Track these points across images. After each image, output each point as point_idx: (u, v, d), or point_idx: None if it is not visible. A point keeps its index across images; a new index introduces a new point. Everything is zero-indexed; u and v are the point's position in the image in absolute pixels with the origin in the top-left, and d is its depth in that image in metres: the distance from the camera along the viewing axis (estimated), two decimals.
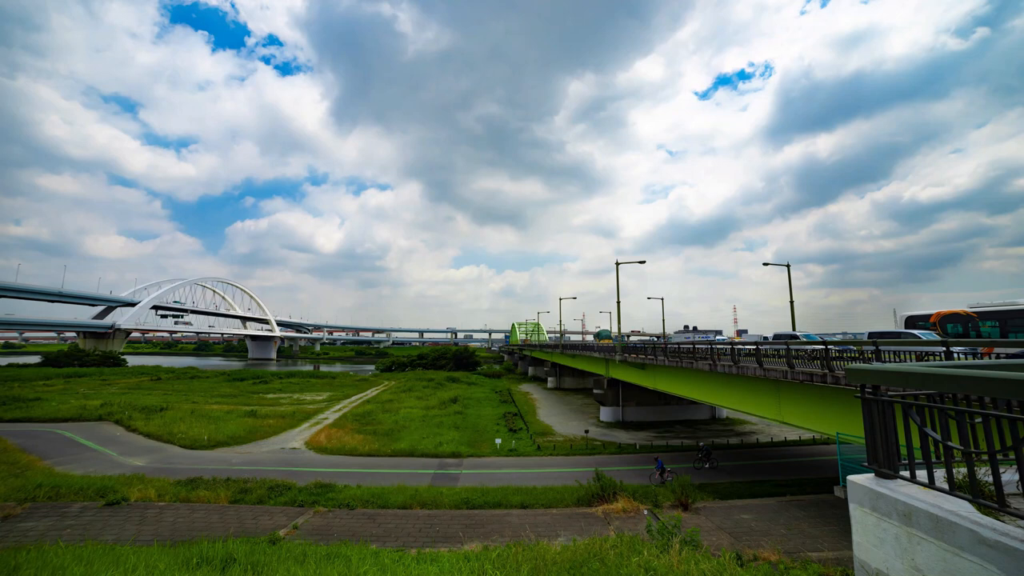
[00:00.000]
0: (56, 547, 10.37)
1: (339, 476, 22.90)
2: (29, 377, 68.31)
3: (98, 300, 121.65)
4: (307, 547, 11.42)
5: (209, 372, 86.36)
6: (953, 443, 3.66)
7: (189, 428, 33.85)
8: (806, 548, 13.80)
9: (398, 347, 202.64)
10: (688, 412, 41.51)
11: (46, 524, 15.29)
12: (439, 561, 9.97)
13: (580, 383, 65.90)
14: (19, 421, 37.15)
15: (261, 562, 9.77)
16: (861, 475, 4.41)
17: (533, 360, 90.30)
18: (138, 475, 21.85)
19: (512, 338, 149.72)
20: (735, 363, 20.80)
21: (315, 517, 16.63)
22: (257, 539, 12.81)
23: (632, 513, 16.70)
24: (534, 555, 9.86)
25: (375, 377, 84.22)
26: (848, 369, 4.70)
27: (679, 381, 28.09)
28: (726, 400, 23.13)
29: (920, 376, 3.80)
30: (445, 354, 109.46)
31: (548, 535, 14.14)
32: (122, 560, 9.27)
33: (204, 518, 16.41)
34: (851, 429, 15.12)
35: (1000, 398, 3.31)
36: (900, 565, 3.70)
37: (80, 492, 18.36)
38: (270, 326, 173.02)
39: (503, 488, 20.44)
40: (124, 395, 51.41)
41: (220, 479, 21.10)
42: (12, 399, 44.14)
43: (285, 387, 64.27)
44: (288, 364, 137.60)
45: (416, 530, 15.54)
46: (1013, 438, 3.23)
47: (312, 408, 45.94)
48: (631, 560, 9.20)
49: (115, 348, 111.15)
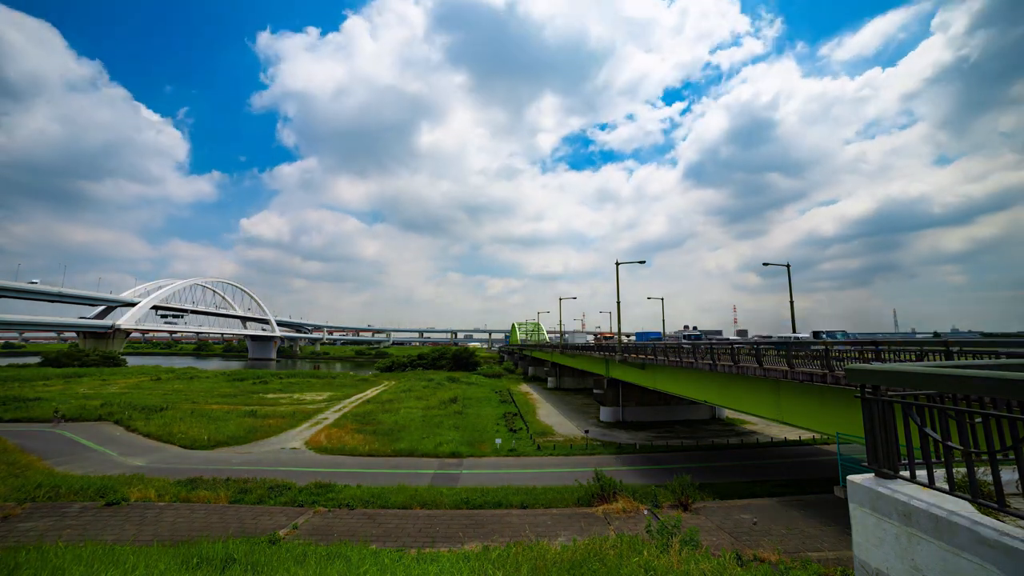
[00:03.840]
0: (56, 547, 10.35)
1: (339, 476, 22.89)
2: (29, 377, 68.25)
3: (98, 300, 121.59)
4: (307, 547, 11.42)
5: (209, 372, 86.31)
6: (953, 443, 3.66)
7: (189, 428, 33.84)
8: (806, 548, 13.81)
9: (398, 347, 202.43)
10: (688, 412, 41.50)
11: (46, 524, 15.27)
12: (439, 561, 9.97)
13: (580, 383, 65.90)
14: (19, 421, 37.14)
15: (261, 562, 9.77)
16: (861, 475, 4.41)
17: (533, 360, 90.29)
18: (138, 475, 21.82)
19: (512, 338, 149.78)
20: (735, 363, 20.81)
21: (315, 517, 16.62)
22: (257, 539, 12.80)
23: (632, 513, 16.70)
24: (534, 555, 9.86)
25: (375, 377, 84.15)
26: (848, 369, 4.69)
27: (679, 381, 28.09)
28: (726, 400, 23.14)
29: (920, 376, 3.80)
30: (445, 354, 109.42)
31: (548, 535, 14.15)
32: (122, 560, 9.27)
33: (204, 518, 16.40)
34: (851, 429, 15.12)
35: (1000, 398, 3.31)
36: (900, 565, 3.70)
37: (80, 492, 18.32)
38: (270, 326, 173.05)
39: (503, 488, 20.43)
40: (124, 395, 51.42)
41: (220, 479, 21.10)
42: (12, 399, 44.12)
43: (285, 387, 64.19)
44: (288, 364, 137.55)
45: (416, 530, 15.53)
46: (1013, 438, 3.23)
47: (312, 408, 45.92)
48: (631, 560, 9.21)
49: (115, 348, 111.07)
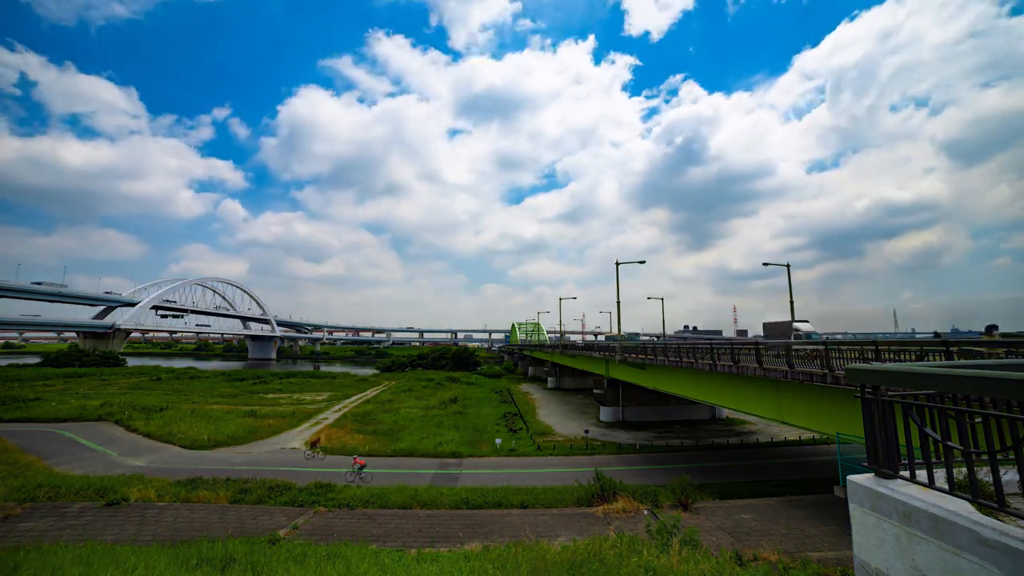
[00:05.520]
0: (56, 547, 10.36)
1: (339, 476, 22.91)
2: (29, 377, 68.29)
3: (98, 300, 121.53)
4: (307, 547, 11.43)
5: (209, 372, 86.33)
6: (953, 443, 3.66)
7: (189, 428, 33.85)
8: (806, 548, 13.80)
9: (398, 347, 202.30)
10: (688, 412, 41.51)
11: (46, 524, 15.26)
12: (439, 561, 9.99)
13: (580, 383, 65.89)
14: (19, 421, 37.14)
15: (261, 562, 9.78)
16: (861, 475, 4.40)
17: (533, 360, 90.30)
18: (138, 475, 21.82)
19: (512, 338, 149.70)
20: (735, 363, 20.81)
21: (315, 517, 16.62)
22: (257, 539, 12.80)
23: (632, 513, 16.69)
24: (534, 555, 9.87)
25: (375, 377, 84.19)
26: (848, 369, 4.69)
27: (679, 381, 28.09)
28: (726, 400, 23.14)
29: (920, 376, 3.79)
30: (445, 354, 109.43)
31: (548, 535, 14.15)
32: (122, 560, 9.28)
33: (204, 518, 16.40)
34: (851, 429, 15.12)
35: (1000, 398, 3.31)
36: (900, 565, 3.69)
37: (80, 492, 18.32)
38: (270, 326, 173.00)
39: (503, 488, 20.43)
40: (124, 395, 51.45)
41: (220, 479, 21.10)
42: (12, 399, 44.17)
43: (285, 387, 64.21)
44: (288, 364, 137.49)
45: (416, 530, 15.52)
46: (1013, 438, 3.22)
47: (312, 408, 45.94)
48: (631, 560, 9.22)
49: (115, 348, 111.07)
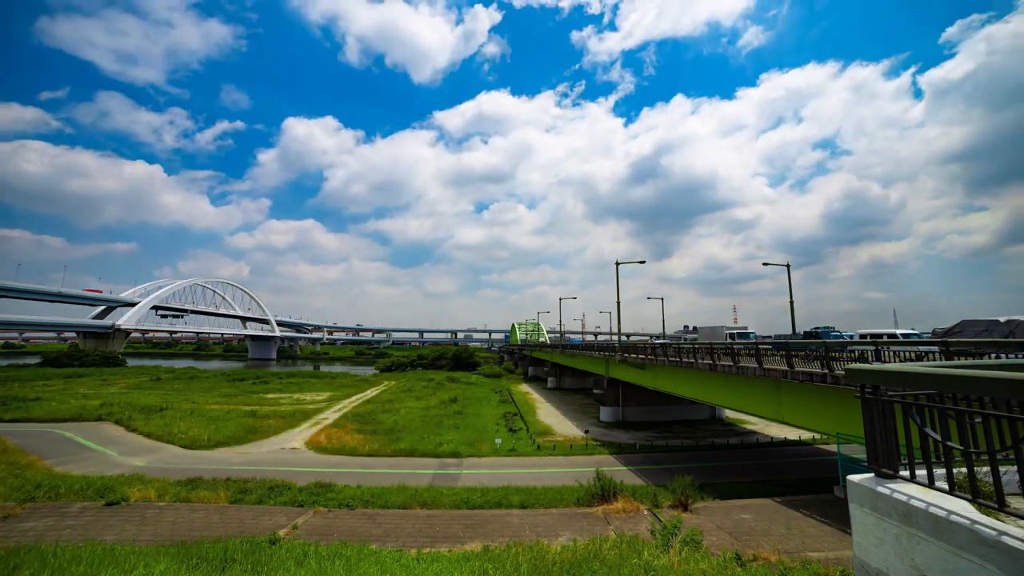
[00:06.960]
0: (56, 547, 10.35)
1: (339, 476, 22.88)
2: (29, 377, 68.34)
3: (98, 300, 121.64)
4: (307, 547, 11.41)
5: (209, 372, 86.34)
6: (953, 443, 3.66)
7: (189, 428, 33.83)
8: (806, 548, 13.79)
9: (398, 347, 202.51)
10: (688, 412, 41.49)
11: (46, 524, 15.24)
12: (439, 561, 9.99)
13: (580, 383, 65.89)
14: (19, 421, 37.10)
15: (261, 562, 9.78)
16: (861, 475, 4.41)
17: (533, 360, 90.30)
18: (138, 475, 21.82)
19: (512, 338, 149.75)
20: (735, 363, 20.82)
21: (315, 517, 16.61)
22: (257, 539, 12.77)
23: (632, 513, 16.68)
24: (534, 555, 9.88)
25: (375, 377, 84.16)
26: (848, 369, 4.69)
27: (679, 381, 28.10)
28: (726, 400, 23.15)
29: (920, 376, 3.80)
30: (445, 354, 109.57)
31: (548, 535, 14.14)
32: (122, 560, 9.28)
33: (204, 518, 16.38)
34: (851, 429, 15.13)
35: (1000, 398, 3.31)
36: (900, 565, 3.70)
37: (80, 492, 18.30)
38: (270, 326, 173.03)
39: (503, 488, 20.43)
40: (124, 395, 51.41)
41: (220, 479, 21.07)
42: (12, 399, 44.13)
43: (285, 387, 64.22)
44: (288, 364, 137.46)
45: (416, 530, 15.51)
46: (1013, 438, 3.23)
47: (312, 408, 45.91)
48: (631, 560, 9.22)
49: (115, 348, 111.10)
